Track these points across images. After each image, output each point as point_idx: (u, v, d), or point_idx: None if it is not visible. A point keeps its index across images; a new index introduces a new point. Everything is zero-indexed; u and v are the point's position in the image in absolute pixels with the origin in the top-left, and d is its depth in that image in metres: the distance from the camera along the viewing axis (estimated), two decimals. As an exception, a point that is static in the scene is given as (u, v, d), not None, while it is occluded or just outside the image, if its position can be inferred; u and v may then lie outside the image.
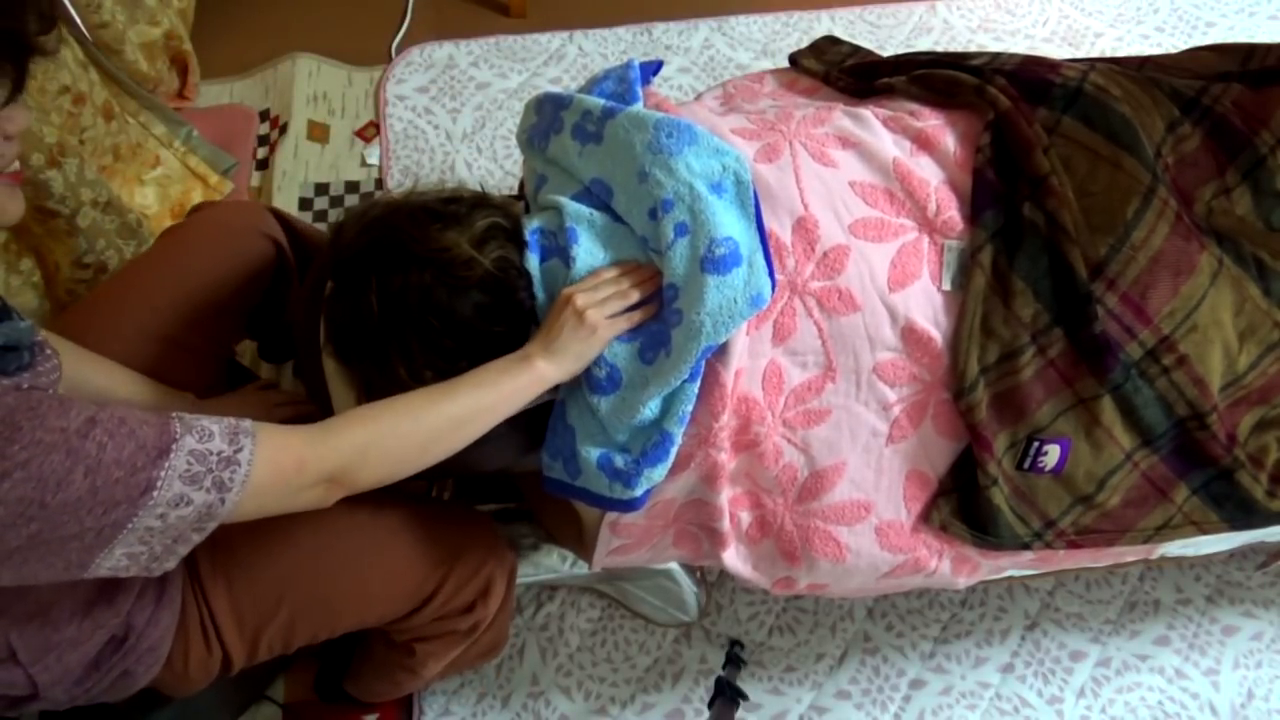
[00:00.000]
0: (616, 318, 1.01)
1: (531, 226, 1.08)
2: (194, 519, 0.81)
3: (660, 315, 1.02)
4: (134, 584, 0.99)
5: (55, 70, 1.50)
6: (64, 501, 0.73)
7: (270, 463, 0.84)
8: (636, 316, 1.03)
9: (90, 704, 1.05)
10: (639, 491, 1.02)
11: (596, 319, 0.99)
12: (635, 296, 1.02)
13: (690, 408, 1.00)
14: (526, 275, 1.06)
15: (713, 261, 0.97)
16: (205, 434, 0.81)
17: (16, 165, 0.83)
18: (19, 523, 0.72)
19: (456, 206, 1.06)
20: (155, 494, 0.77)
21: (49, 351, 0.92)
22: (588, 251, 1.05)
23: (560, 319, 1.00)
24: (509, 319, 1.05)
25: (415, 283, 1.00)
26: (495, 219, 1.05)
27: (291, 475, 0.86)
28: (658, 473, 1.01)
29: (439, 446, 0.96)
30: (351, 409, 0.95)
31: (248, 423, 0.85)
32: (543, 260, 1.06)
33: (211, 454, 0.81)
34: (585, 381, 1.04)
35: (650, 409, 1.01)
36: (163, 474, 0.78)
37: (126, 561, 0.81)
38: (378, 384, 1.06)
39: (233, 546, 1.06)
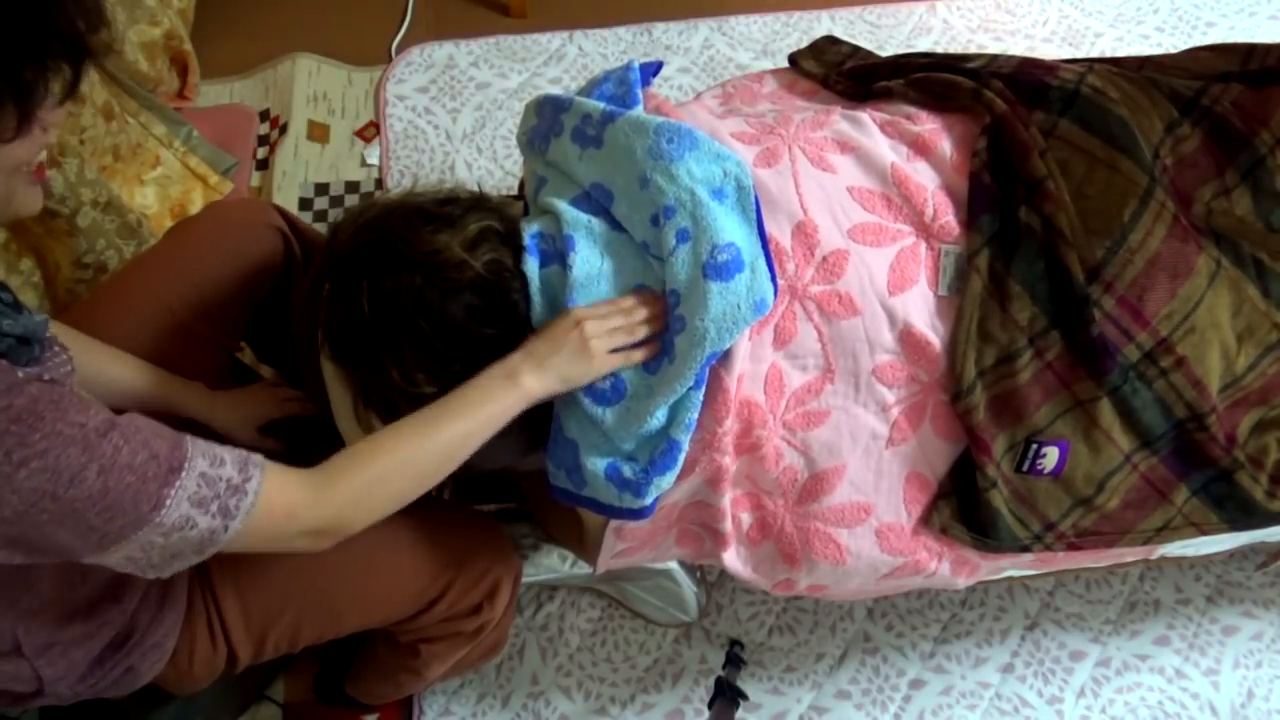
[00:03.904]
0: (615, 353, 1.00)
1: (531, 231, 1.07)
2: (195, 542, 0.82)
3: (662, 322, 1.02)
4: (140, 583, 1.00)
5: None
6: (74, 497, 0.74)
7: (266, 503, 0.85)
8: (637, 356, 1.01)
9: (92, 699, 1.05)
10: (649, 500, 1.01)
11: (599, 350, 0.99)
12: (641, 335, 1.01)
13: (696, 415, 1.00)
14: (521, 277, 1.04)
15: (715, 267, 0.97)
16: (217, 459, 0.82)
17: (44, 157, 0.84)
18: (30, 513, 0.73)
19: (450, 208, 1.05)
20: (163, 513, 0.78)
21: (58, 348, 0.93)
22: (585, 259, 1.04)
23: (564, 338, 0.99)
24: (502, 321, 1.04)
25: (406, 285, 1.00)
26: (489, 222, 1.05)
27: (281, 520, 0.87)
28: (666, 480, 1.01)
29: (431, 478, 0.96)
30: (341, 456, 0.94)
31: (258, 456, 0.86)
32: (542, 265, 1.05)
33: (221, 479, 0.82)
34: (588, 393, 1.02)
35: (657, 417, 1.00)
36: (173, 492, 0.78)
37: (127, 563, 0.82)
38: (372, 386, 1.06)
39: None
